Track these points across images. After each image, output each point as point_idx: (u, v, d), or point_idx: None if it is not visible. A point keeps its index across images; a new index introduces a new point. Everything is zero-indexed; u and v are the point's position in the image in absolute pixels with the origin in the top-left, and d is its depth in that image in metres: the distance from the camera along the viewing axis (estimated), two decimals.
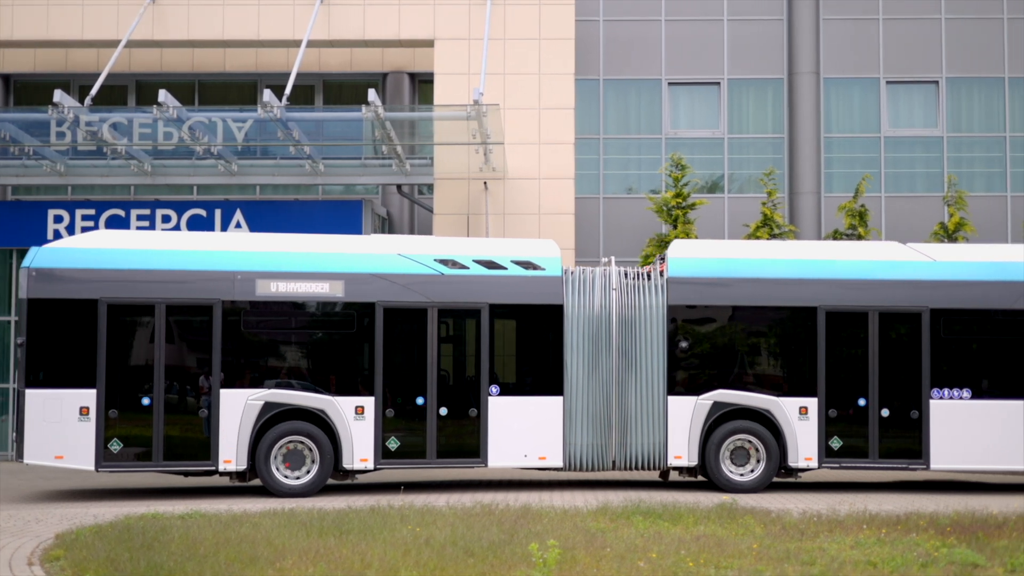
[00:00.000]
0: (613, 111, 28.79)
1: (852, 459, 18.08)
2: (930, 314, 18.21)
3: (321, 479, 17.50)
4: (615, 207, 28.39)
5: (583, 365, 17.94)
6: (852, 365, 18.23)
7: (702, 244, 19.52)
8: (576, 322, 17.98)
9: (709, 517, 14.09)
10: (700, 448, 18.02)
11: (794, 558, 11.46)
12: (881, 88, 28.73)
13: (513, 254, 18.23)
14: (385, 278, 17.77)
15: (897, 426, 18.10)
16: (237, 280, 17.47)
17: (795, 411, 18.05)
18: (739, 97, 28.89)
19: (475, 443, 17.73)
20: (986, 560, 11.40)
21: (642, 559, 11.26)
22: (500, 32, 25.89)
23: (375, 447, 17.52)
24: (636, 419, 17.98)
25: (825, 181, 28.53)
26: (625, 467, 18.08)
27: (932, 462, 18.06)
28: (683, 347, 18.16)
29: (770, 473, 18.10)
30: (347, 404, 17.51)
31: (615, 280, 18.26)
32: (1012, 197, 28.26)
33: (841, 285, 18.31)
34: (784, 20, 28.73)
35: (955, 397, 18.12)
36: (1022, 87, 28.67)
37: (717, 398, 18.10)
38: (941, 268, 18.49)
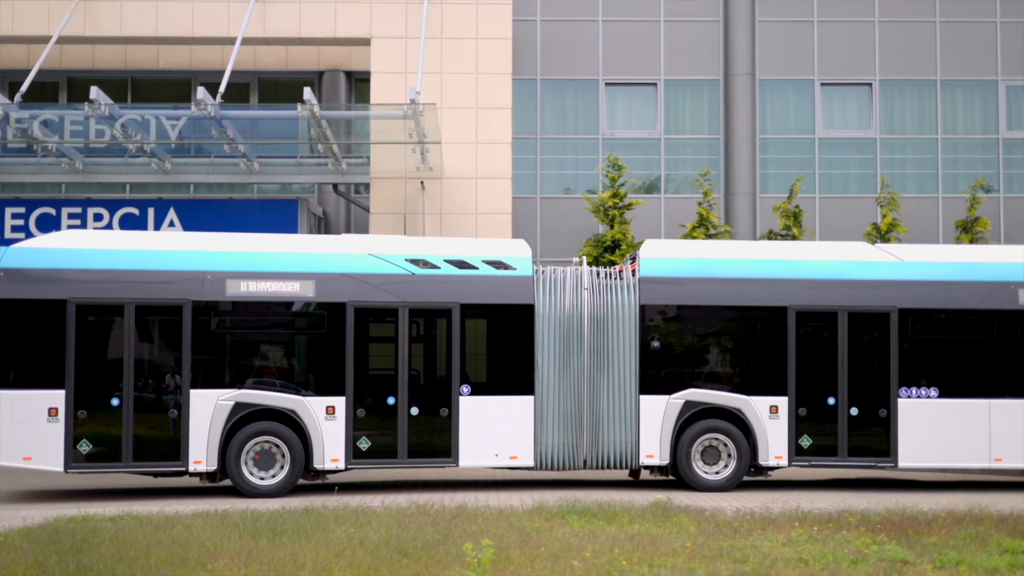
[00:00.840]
0: (550, 111, 28.82)
1: (822, 458, 18.22)
2: (898, 314, 18.37)
3: (292, 479, 17.38)
4: (552, 207, 28.42)
5: (554, 364, 17.95)
6: (822, 364, 18.36)
7: (674, 244, 19.64)
8: (547, 322, 17.98)
9: (644, 516, 14.12)
10: (672, 447, 18.07)
11: (727, 556, 11.51)
12: (815, 90, 28.98)
13: (484, 254, 18.20)
14: (356, 278, 17.69)
15: (866, 425, 18.27)
16: (207, 280, 17.34)
17: (766, 410, 18.16)
18: (675, 98, 29.02)
19: (446, 443, 17.67)
20: (915, 557, 11.52)
21: (576, 558, 11.26)
22: (437, 31, 25.84)
23: (346, 447, 17.43)
24: (608, 418, 18.01)
25: (760, 182, 28.73)
26: (597, 466, 18.10)
27: (900, 460, 18.23)
28: (655, 346, 18.21)
29: (741, 472, 18.19)
30: (318, 404, 17.42)
31: (587, 280, 18.28)
32: (943, 198, 28.61)
33: (811, 285, 18.46)
34: (720, 21, 28.91)
35: (923, 396, 18.29)
36: (953, 89, 29.04)
37: (689, 397, 18.15)
38: (909, 268, 18.66)
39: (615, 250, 25.05)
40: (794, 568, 11.03)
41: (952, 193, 28.52)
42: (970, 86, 29.09)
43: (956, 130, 29.04)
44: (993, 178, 28.74)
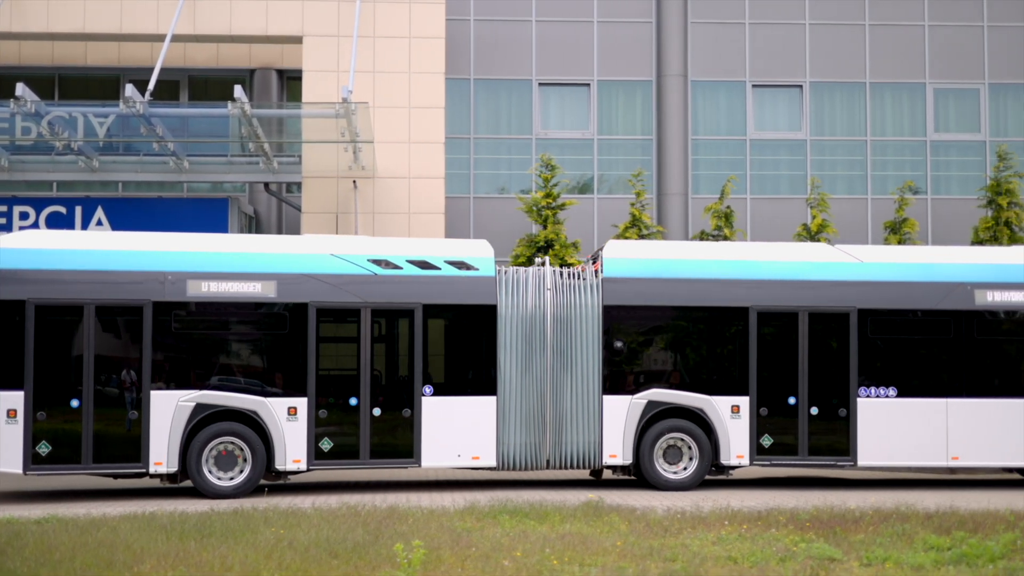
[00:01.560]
0: (484, 111, 28.80)
1: (783, 457, 18.36)
2: (857, 314, 18.54)
3: (253, 480, 17.27)
4: (485, 207, 28.40)
5: (517, 365, 17.96)
6: (783, 364, 18.50)
7: (637, 244, 19.74)
8: (510, 322, 17.99)
9: (575, 515, 14.14)
10: (634, 447, 18.12)
11: (657, 555, 11.54)
12: (747, 91, 29.18)
13: (447, 254, 18.18)
14: (317, 278, 17.63)
15: (826, 424, 18.42)
16: (168, 281, 17.22)
17: (727, 410, 18.26)
18: (609, 99, 29.10)
19: (408, 443, 17.63)
20: (843, 554, 11.62)
21: (507, 558, 11.24)
22: (370, 30, 25.72)
23: (308, 448, 17.35)
24: (571, 418, 18.04)
25: (692, 182, 28.89)
26: (560, 466, 18.14)
27: (859, 459, 18.40)
28: (618, 347, 18.28)
29: (703, 471, 18.27)
30: (280, 405, 17.34)
31: (549, 280, 18.31)
32: (872, 200, 28.92)
33: (772, 286, 18.59)
34: (653, 23, 29.03)
35: (882, 395, 18.49)
36: (882, 92, 29.37)
37: (651, 397, 18.22)
38: (868, 269, 18.84)
39: (548, 250, 25.07)
40: (723, 566, 11.09)
41: (881, 194, 28.84)
42: (898, 89, 29.43)
43: (885, 132, 29.37)
44: (921, 180, 29.09)
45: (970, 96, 29.49)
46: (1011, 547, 11.94)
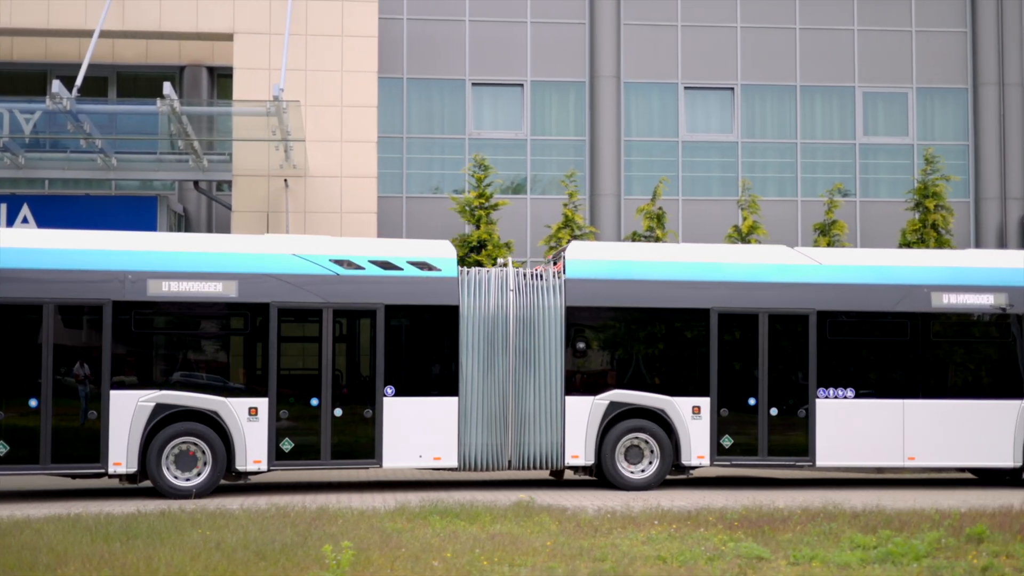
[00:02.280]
0: (417, 110, 28.72)
1: (743, 457, 18.51)
2: (817, 316, 18.73)
3: (213, 481, 17.17)
4: (418, 207, 28.32)
5: (479, 365, 17.94)
6: (743, 365, 18.67)
7: (600, 246, 19.83)
8: (472, 323, 17.96)
9: (506, 515, 14.13)
10: (596, 447, 18.16)
11: (586, 554, 11.55)
12: (679, 93, 29.34)
13: (409, 255, 18.13)
14: (279, 278, 17.56)
15: (785, 424, 18.59)
16: (128, 280, 17.07)
17: (688, 410, 18.35)
18: (542, 99, 29.14)
19: (370, 444, 17.58)
20: (771, 553, 11.70)
21: (436, 559, 11.20)
22: (302, 27, 25.55)
23: (268, 448, 17.27)
24: (534, 419, 18.04)
25: (625, 183, 28.99)
26: (522, 467, 18.14)
27: (818, 459, 18.58)
28: (580, 347, 18.36)
29: (664, 471, 18.34)
30: (240, 405, 17.25)
31: (512, 281, 18.28)
32: (802, 202, 29.19)
33: (733, 287, 18.73)
34: (586, 24, 29.10)
35: (840, 396, 18.68)
36: (812, 95, 29.65)
37: (613, 398, 18.29)
38: (827, 272, 19.03)
39: (481, 250, 25.05)
40: (652, 566, 11.12)
41: (811, 196, 29.12)
42: (828, 92, 29.74)
43: (815, 135, 29.65)
44: (850, 182, 29.41)
45: (898, 100, 29.86)
46: (936, 545, 12.09)
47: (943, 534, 12.66)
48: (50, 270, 16.97)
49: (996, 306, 19.11)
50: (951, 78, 30.00)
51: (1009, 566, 11.19)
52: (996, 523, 13.56)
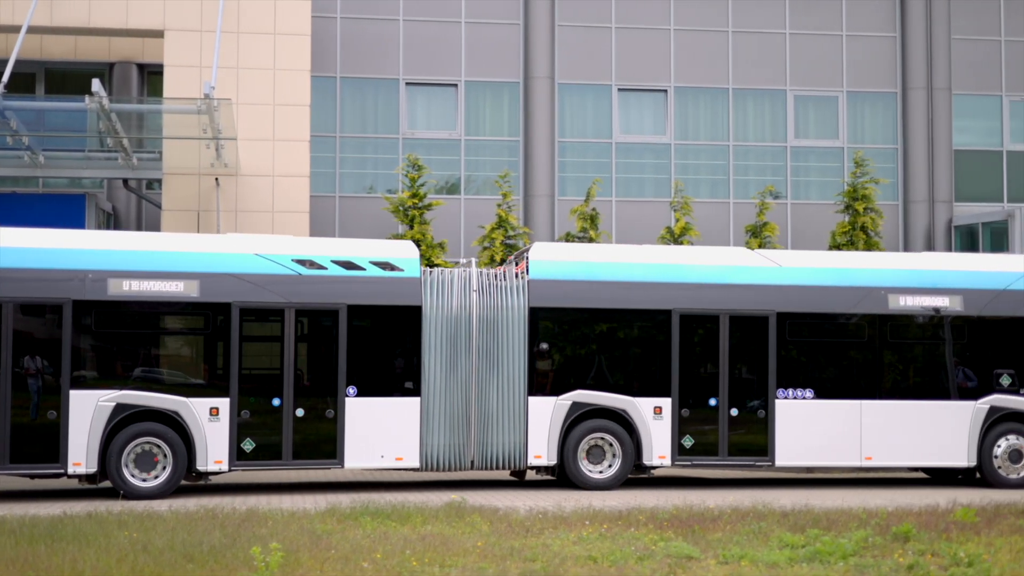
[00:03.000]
0: (350, 109, 28.60)
1: (703, 457, 18.60)
2: (776, 317, 18.87)
3: (174, 481, 17.02)
4: (351, 206, 28.19)
5: (441, 366, 17.90)
6: (704, 366, 18.83)
7: (563, 247, 19.93)
8: (434, 323, 17.91)
9: (437, 516, 14.09)
10: (559, 447, 18.20)
11: (517, 555, 11.54)
12: (613, 95, 29.43)
13: (372, 255, 18.08)
14: (241, 278, 17.45)
15: (746, 425, 18.73)
16: (88, 279, 16.88)
17: (650, 411, 18.43)
18: (476, 99, 29.12)
19: (331, 444, 17.52)
20: (700, 553, 11.75)
21: (366, 560, 11.14)
22: (234, 25, 25.34)
23: (230, 449, 17.17)
24: (497, 419, 18.04)
25: (559, 184, 29.04)
26: (485, 467, 18.14)
27: (777, 459, 18.73)
28: (543, 348, 18.38)
29: (625, 471, 18.41)
30: (201, 405, 17.11)
31: (475, 281, 18.25)
32: (735, 203, 29.40)
33: (694, 289, 18.85)
34: (520, 24, 29.12)
35: (799, 397, 18.82)
36: (744, 98, 29.87)
37: (576, 398, 18.34)
38: (786, 274, 19.20)
39: None
40: (583, 566, 11.13)
41: (743, 198, 29.33)
42: (760, 95, 29.97)
43: (747, 137, 29.88)
44: (781, 184, 29.67)
45: (829, 103, 30.16)
46: (862, 544, 12.21)
47: (870, 533, 12.80)
48: (9, 269, 16.75)
49: (951, 308, 19.36)
50: (881, 82, 30.36)
51: (934, 564, 11.33)
52: (922, 522, 13.72)
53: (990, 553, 11.83)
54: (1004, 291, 19.49)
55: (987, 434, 19.16)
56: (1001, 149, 30.70)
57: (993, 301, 19.39)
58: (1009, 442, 19.23)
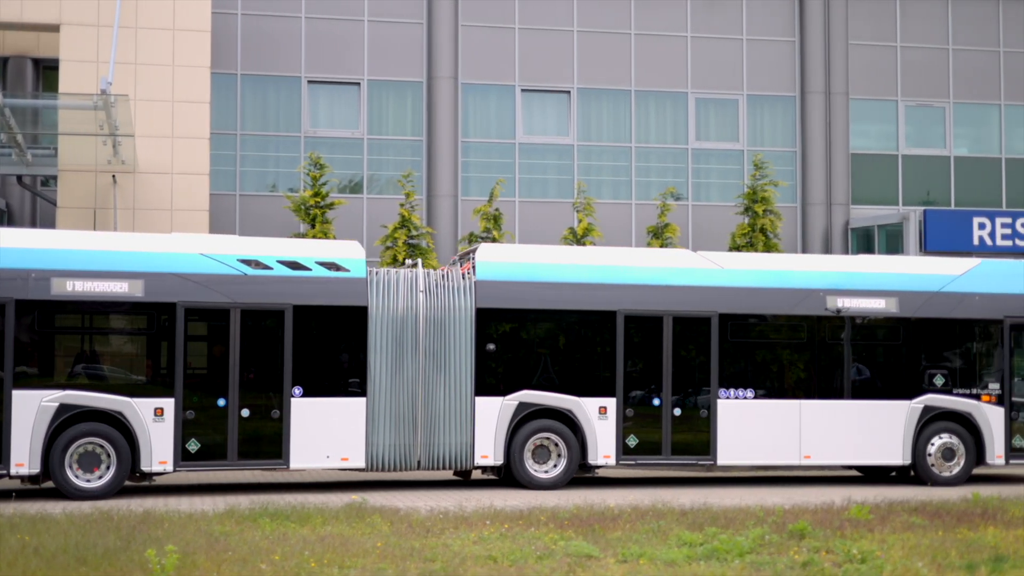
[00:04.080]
0: (251, 107, 28.32)
1: (647, 456, 18.80)
2: (719, 318, 19.10)
3: (118, 481, 16.88)
4: (253, 205, 27.92)
5: (387, 366, 17.88)
6: (648, 366, 19.01)
7: (510, 248, 20.08)
8: (380, 323, 17.89)
9: (337, 517, 14.00)
10: (505, 447, 18.26)
11: (417, 555, 11.51)
12: (516, 96, 29.49)
13: (318, 255, 18.07)
14: (186, 278, 17.34)
15: (688, 424, 18.95)
16: (31, 279, 16.65)
17: (595, 411, 18.57)
18: (379, 98, 29.00)
19: (277, 444, 17.49)
20: (600, 551, 11.80)
21: (264, 561, 11.02)
22: (132, 20, 24.96)
23: (174, 449, 17.07)
24: (444, 419, 18.07)
25: (462, 184, 29.02)
26: (431, 467, 18.15)
27: (719, 458, 18.96)
28: (491, 348, 18.41)
29: (570, 470, 18.53)
30: (146, 406, 16.98)
31: (422, 282, 18.23)
32: (636, 204, 29.61)
33: (639, 290, 18.99)
34: (424, 24, 29.04)
35: (740, 397, 19.09)
36: (646, 100, 30.09)
37: (522, 398, 18.43)
38: (728, 275, 19.43)
39: None
40: (483, 565, 11.12)
41: (644, 200, 29.55)
42: (662, 97, 30.22)
43: (648, 139, 30.11)
44: (683, 186, 29.94)
45: (729, 106, 30.51)
46: (759, 542, 12.36)
47: (767, 531, 12.96)
48: None
49: (887, 309, 19.75)
50: (780, 86, 30.78)
51: (828, 561, 11.50)
52: (817, 520, 13.93)
53: (883, 550, 12.03)
54: (938, 293, 19.94)
55: (921, 433, 19.62)
56: (897, 153, 31.28)
57: (927, 303, 19.84)
58: (942, 440, 19.70)
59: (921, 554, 11.81)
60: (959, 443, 19.69)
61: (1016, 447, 19.86)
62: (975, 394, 19.85)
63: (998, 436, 19.77)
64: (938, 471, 19.62)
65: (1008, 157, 31.60)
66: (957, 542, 12.55)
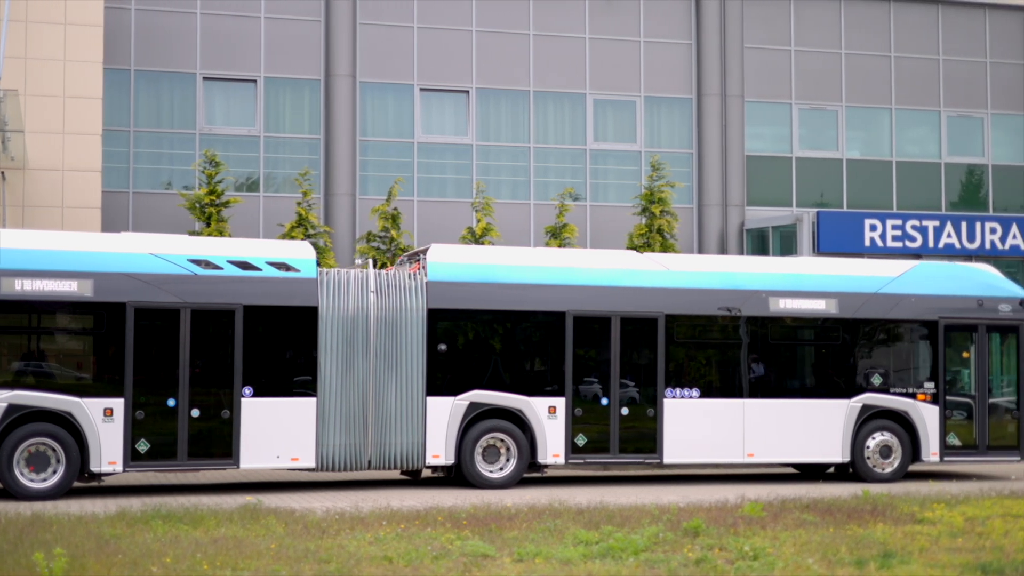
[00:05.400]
0: (145, 103, 27.89)
1: (596, 455, 18.98)
2: (665, 319, 19.29)
3: (67, 482, 16.79)
4: (146, 202, 27.50)
5: (338, 366, 17.88)
6: (596, 367, 19.23)
7: (460, 249, 20.08)
8: (331, 324, 17.88)
9: (231, 519, 13.84)
10: (456, 447, 18.32)
11: (312, 556, 11.42)
12: (415, 95, 29.41)
13: (268, 255, 18.07)
14: (136, 278, 17.26)
15: (635, 424, 19.16)
16: None
17: (545, 410, 18.70)
18: (276, 96, 28.74)
19: (227, 445, 17.47)
20: (496, 551, 11.82)
21: (156, 564, 10.87)
22: (21, 13, 24.45)
23: (124, 449, 16.99)
24: (395, 419, 18.07)
25: (360, 183, 28.88)
26: (382, 467, 18.15)
27: (665, 457, 19.18)
28: (442, 349, 18.44)
29: (520, 469, 18.62)
30: (95, 406, 16.91)
31: (372, 282, 18.20)
32: (535, 205, 29.69)
33: (587, 291, 19.15)
34: (322, 21, 28.84)
35: (686, 396, 19.32)
36: (545, 100, 30.20)
37: (473, 398, 18.50)
38: (674, 277, 19.69)
39: None
40: (378, 566, 11.08)
41: (543, 200, 29.65)
42: (560, 98, 30.35)
43: (547, 139, 30.22)
44: (581, 187, 30.09)
45: (627, 108, 30.73)
46: (654, 540, 12.47)
47: (661, 529, 13.08)
48: None
49: (827, 311, 20.12)
50: (677, 88, 31.08)
51: (721, 558, 11.63)
52: (712, 517, 14.08)
53: (775, 546, 12.21)
54: (876, 294, 20.37)
55: (860, 431, 20.06)
56: (790, 155, 31.76)
57: (866, 304, 20.27)
58: (880, 438, 20.14)
59: (812, 551, 12.00)
60: (896, 441, 20.18)
61: (950, 445, 20.42)
62: (911, 393, 20.35)
63: (933, 434, 20.27)
64: (876, 468, 20.08)
65: (899, 160, 32.25)
66: (847, 538, 12.77)
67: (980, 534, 13.31)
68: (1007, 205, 32.65)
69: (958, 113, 32.68)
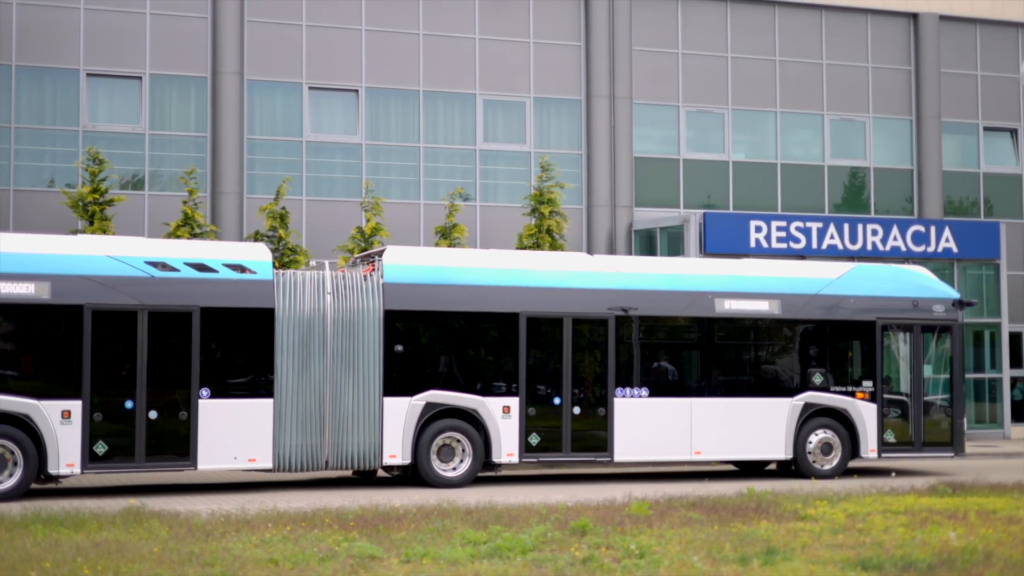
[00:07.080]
0: (27, 99, 27.30)
1: (549, 454, 19.33)
2: (615, 320, 19.64)
3: (24, 483, 16.90)
4: (28, 200, 26.91)
5: (295, 367, 18.02)
6: (548, 366, 19.56)
7: (416, 251, 20.29)
8: (287, 325, 18.00)
9: (114, 522, 13.65)
10: (413, 446, 18.48)
11: (196, 560, 11.29)
12: (304, 93, 29.19)
13: (225, 257, 18.17)
14: (93, 280, 17.34)
15: (587, 423, 19.50)
16: None
17: (499, 410, 19.01)
18: (161, 93, 28.32)
19: (184, 446, 17.67)
20: (384, 552, 11.79)
21: (35, 569, 10.66)
22: None
23: (82, 451, 17.15)
24: (352, 420, 18.23)
25: (248, 182, 28.58)
26: (339, 467, 18.35)
27: (616, 455, 19.57)
28: (398, 350, 18.62)
29: (476, 468, 18.90)
30: (53, 408, 17.05)
31: (329, 284, 18.29)
32: (425, 204, 29.64)
33: (540, 292, 19.43)
34: (208, 19, 28.47)
35: (636, 396, 19.66)
36: (435, 100, 30.16)
37: (429, 399, 18.71)
38: (625, 278, 20.05)
39: None
40: (264, 568, 10.98)
41: (433, 200, 29.60)
42: (450, 98, 30.33)
43: (437, 139, 30.18)
44: (471, 187, 30.10)
45: (516, 108, 30.81)
46: (542, 539, 12.54)
47: (549, 528, 13.16)
48: None
49: (770, 311, 20.61)
50: (566, 89, 31.25)
51: (608, 557, 11.73)
52: (599, 516, 14.19)
53: (660, 544, 12.35)
54: (816, 295, 20.93)
55: (802, 428, 20.58)
56: (678, 157, 32.10)
57: (807, 305, 20.80)
58: (821, 436, 20.70)
59: (697, 548, 12.15)
60: (836, 438, 20.79)
61: (888, 442, 21.08)
62: (850, 391, 20.95)
63: (871, 431, 20.90)
64: (817, 465, 20.62)
65: (783, 162, 32.78)
66: (731, 536, 12.97)
67: (861, 530, 13.60)
68: (888, 207, 33.38)
69: (841, 117, 33.33)
